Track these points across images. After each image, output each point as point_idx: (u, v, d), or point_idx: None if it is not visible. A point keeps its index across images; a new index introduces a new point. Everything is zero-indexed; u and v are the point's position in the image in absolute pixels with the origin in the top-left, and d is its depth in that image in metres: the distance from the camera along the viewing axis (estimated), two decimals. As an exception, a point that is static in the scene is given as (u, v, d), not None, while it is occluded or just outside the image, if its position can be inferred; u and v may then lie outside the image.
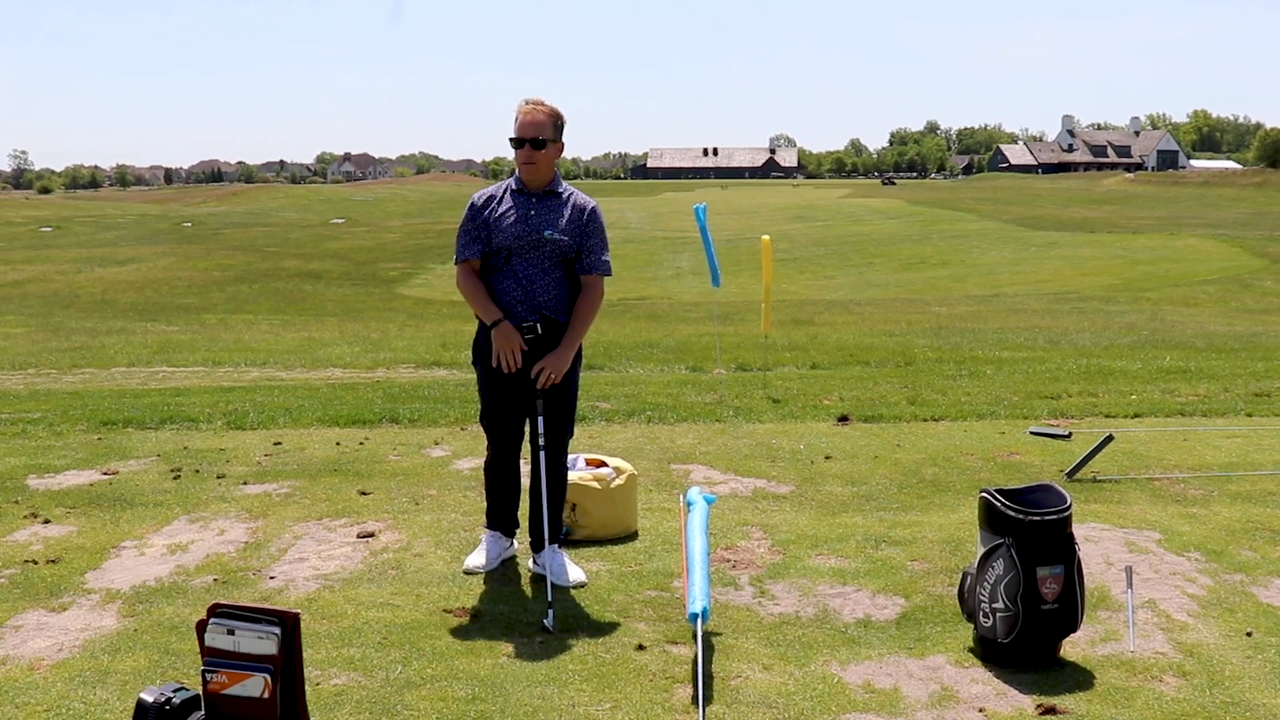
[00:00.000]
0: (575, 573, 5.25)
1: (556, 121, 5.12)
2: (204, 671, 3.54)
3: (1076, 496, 6.18)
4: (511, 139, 5.07)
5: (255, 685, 3.51)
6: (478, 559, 5.40)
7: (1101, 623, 4.74)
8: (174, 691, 3.51)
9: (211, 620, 3.57)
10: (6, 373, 15.78)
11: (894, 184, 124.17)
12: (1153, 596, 5.05)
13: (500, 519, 5.49)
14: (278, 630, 3.53)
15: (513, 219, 5.06)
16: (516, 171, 5.20)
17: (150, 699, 3.47)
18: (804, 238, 53.94)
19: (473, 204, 5.19)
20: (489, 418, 5.33)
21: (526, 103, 5.09)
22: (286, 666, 3.55)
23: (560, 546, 5.41)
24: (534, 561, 5.38)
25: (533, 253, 5.07)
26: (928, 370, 13.48)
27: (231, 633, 3.54)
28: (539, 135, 5.05)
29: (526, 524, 5.51)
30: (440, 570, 5.36)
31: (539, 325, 5.10)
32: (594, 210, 5.24)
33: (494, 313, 5.06)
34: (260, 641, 3.52)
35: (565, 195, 5.20)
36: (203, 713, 3.54)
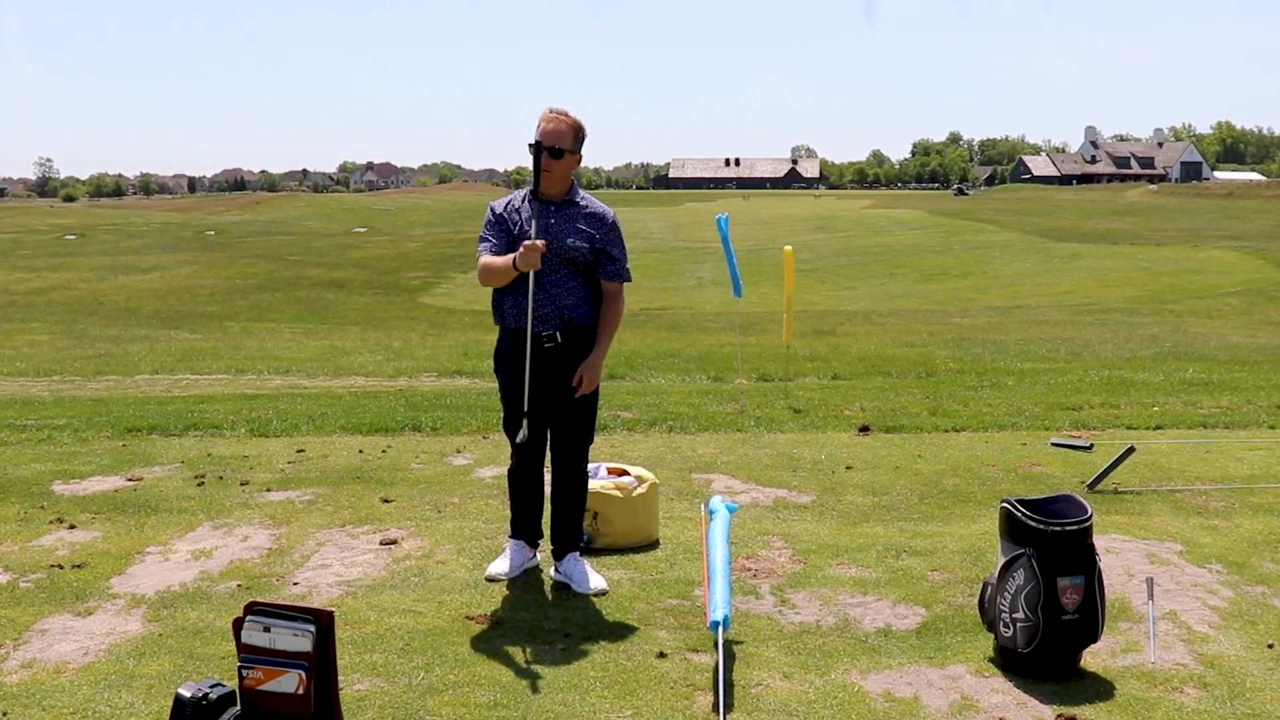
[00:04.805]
0: (596, 580, 5.27)
1: (578, 133, 5.15)
2: (240, 667, 3.60)
3: (1098, 508, 6.19)
4: (530, 145, 5.09)
5: (290, 681, 3.57)
6: (500, 566, 5.43)
7: (1122, 634, 4.74)
8: (211, 687, 3.58)
9: (248, 618, 3.63)
10: (32, 379, 15.90)
11: (967, 194, 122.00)
12: (1174, 608, 5.04)
13: (524, 528, 5.51)
14: (313, 628, 3.58)
15: (539, 226, 5.09)
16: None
17: (188, 694, 3.53)
18: (826, 248, 53.86)
19: (492, 209, 5.24)
20: (511, 426, 5.36)
21: (551, 111, 5.13)
22: (320, 663, 3.61)
23: (582, 554, 5.44)
24: (556, 569, 5.41)
25: (554, 259, 5.09)
26: (949, 381, 13.45)
27: (267, 630, 3.60)
28: (558, 145, 5.08)
29: (548, 532, 5.54)
30: (462, 577, 5.39)
31: (558, 334, 5.14)
32: (614, 218, 5.29)
33: (509, 260, 5.03)
34: (295, 639, 3.58)
35: (583, 204, 5.23)
36: (238, 708, 3.59)
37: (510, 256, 4.99)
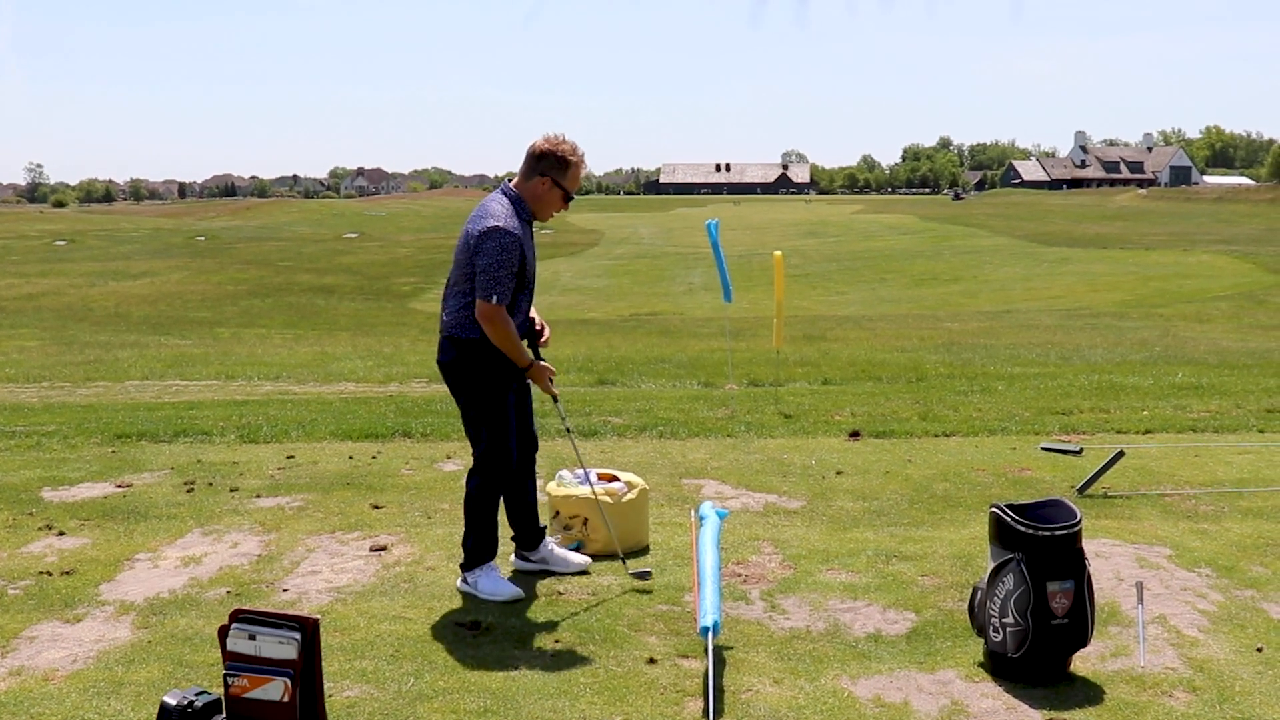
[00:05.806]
0: (576, 558, 5.32)
1: None
2: (226, 675, 3.60)
3: (1087, 512, 6.20)
4: (569, 194, 5.14)
5: (276, 689, 3.56)
6: (513, 589, 5.26)
7: (1112, 638, 4.75)
8: (196, 695, 3.58)
9: (234, 625, 3.63)
10: (21, 385, 15.86)
11: (963, 198, 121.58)
12: (1163, 612, 5.05)
13: (494, 544, 5.38)
14: (298, 635, 3.58)
15: (532, 252, 5.13)
16: (524, 202, 5.10)
17: (173, 702, 3.53)
18: (816, 253, 53.94)
19: (515, 237, 4.95)
20: (505, 444, 5.23)
21: (584, 161, 5.15)
22: (306, 671, 3.61)
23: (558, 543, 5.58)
24: (529, 560, 5.45)
25: (534, 279, 5.26)
26: (939, 386, 13.47)
27: (253, 637, 3.60)
28: None
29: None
30: (452, 584, 5.38)
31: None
32: None
33: (528, 355, 5.13)
34: (281, 646, 3.57)
35: None
36: (224, 716, 3.59)
37: (530, 361, 5.12)
